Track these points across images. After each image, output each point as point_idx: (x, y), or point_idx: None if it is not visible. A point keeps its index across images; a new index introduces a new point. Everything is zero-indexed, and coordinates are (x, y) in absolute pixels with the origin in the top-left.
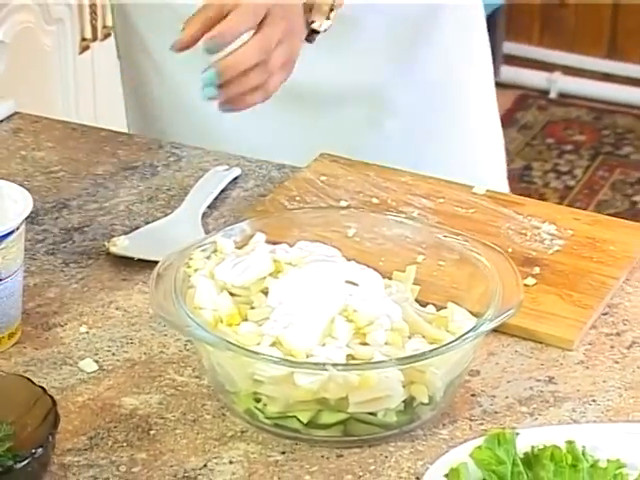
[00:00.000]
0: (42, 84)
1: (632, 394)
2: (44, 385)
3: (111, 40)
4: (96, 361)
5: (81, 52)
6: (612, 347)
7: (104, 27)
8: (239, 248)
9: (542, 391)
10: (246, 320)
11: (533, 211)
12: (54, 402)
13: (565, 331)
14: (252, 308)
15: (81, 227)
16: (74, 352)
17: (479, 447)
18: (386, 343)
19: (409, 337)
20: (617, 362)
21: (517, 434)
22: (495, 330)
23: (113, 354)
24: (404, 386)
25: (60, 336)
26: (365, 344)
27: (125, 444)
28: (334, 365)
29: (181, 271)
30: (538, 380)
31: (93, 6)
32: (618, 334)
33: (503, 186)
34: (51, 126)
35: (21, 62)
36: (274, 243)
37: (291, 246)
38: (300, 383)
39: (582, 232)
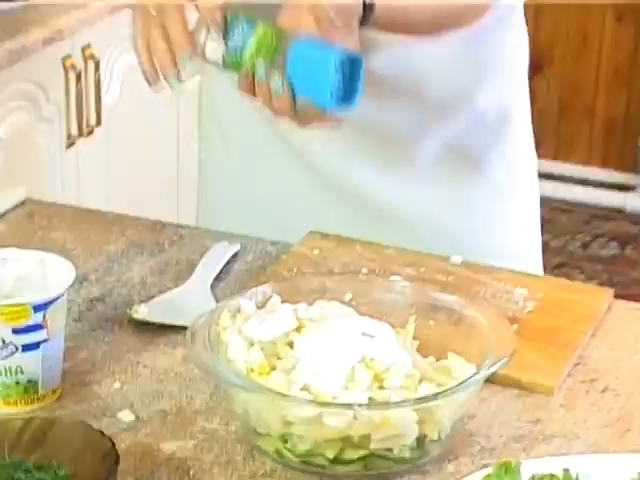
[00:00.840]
0: (33, 175)
1: (610, 431)
2: None
3: (94, 136)
4: (132, 412)
5: (68, 147)
6: (587, 392)
7: (87, 125)
8: (259, 309)
9: (532, 430)
10: (274, 369)
11: (505, 277)
12: (113, 443)
13: (546, 379)
14: (279, 359)
15: (102, 297)
16: (111, 405)
17: (488, 475)
18: (401, 387)
19: (420, 382)
20: (594, 404)
21: (520, 464)
22: (485, 380)
23: (147, 406)
24: (417, 425)
25: (96, 392)
26: (383, 388)
27: None
28: (360, 405)
29: (212, 329)
30: (527, 421)
31: (79, 106)
32: (591, 381)
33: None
34: (62, 210)
35: (15, 157)
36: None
37: (310, 305)
38: (328, 423)
39: (550, 294)
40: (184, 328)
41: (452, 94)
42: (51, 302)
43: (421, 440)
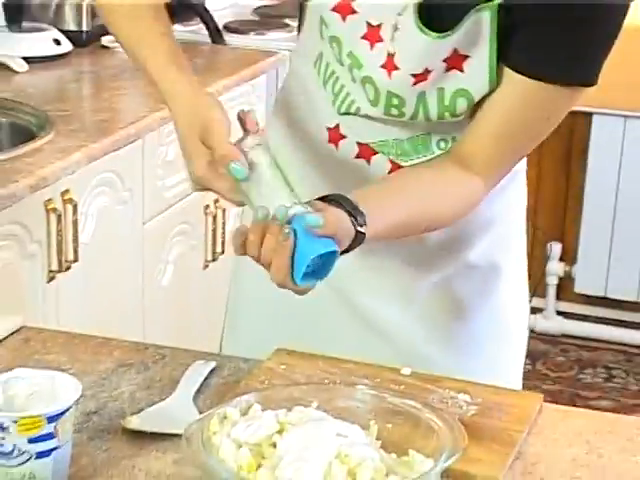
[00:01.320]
0: (19, 306)
1: None
2: None
3: (71, 271)
4: None
5: (48, 281)
6: None
7: (66, 261)
8: (242, 415)
9: None
10: (260, 467)
11: (450, 385)
12: None
13: (491, 471)
14: (264, 458)
15: (97, 411)
16: None
17: None
18: (372, 479)
19: (386, 475)
20: None
21: None
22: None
23: None
24: None
25: None
26: None
27: None
28: None
29: (204, 434)
30: None
31: (59, 244)
32: (530, 472)
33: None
34: (54, 335)
35: (3, 290)
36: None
37: (289, 410)
38: None
39: (489, 399)
40: (172, 435)
41: (447, 246)
42: (62, 413)
43: None
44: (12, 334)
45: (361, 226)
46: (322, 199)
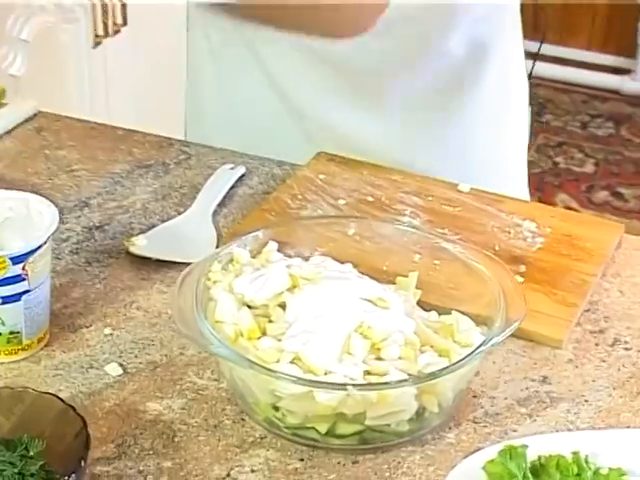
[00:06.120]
0: (59, 79)
1: (620, 393)
2: (72, 390)
3: (120, 36)
4: (120, 364)
5: (94, 47)
6: (597, 345)
7: (114, 24)
8: (253, 257)
9: (538, 391)
10: (265, 334)
11: (513, 208)
12: (85, 423)
13: (554, 330)
14: (270, 322)
15: (102, 225)
16: (99, 355)
17: (492, 461)
18: (399, 357)
19: (420, 350)
20: (604, 360)
21: (526, 447)
22: None
23: (136, 356)
24: (416, 399)
25: (86, 338)
26: (380, 359)
27: (151, 452)
28: (354, 385)
29: (201, 283)
30: (533, 380)
31: (104, 6)
32: (601, 331)
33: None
34: (71, 125)
35: (41, 59)
36: (284, 248)
37: (305, 260)
38: (320, 400)
39: (559, 229)
40: (181, 264)
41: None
42: (31, 252)
43: (420, 413)
44: (26, 121)
45: None
46: None
